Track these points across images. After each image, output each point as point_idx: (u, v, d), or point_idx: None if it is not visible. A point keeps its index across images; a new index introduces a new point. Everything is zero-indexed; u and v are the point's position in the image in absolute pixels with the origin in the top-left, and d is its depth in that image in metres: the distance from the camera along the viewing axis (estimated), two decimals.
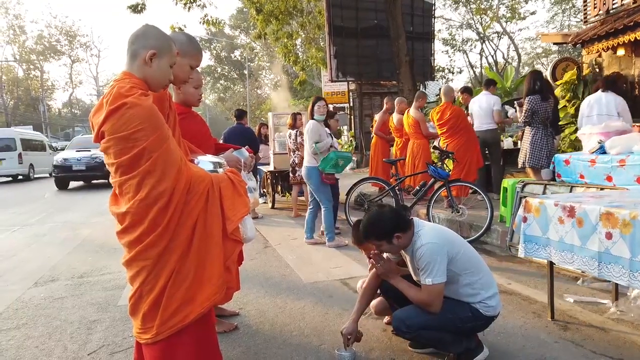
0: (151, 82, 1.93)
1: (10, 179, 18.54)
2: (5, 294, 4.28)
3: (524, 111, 5.48)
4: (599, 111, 5.37)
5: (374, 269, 2.64)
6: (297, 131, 7.24)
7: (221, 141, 4.94)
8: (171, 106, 2.23)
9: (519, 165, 5.91)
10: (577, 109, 7.31)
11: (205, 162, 2.15)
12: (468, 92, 7.86)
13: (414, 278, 2.58)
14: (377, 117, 8.54)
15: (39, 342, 3.17)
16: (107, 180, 12.41)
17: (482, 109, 6.98)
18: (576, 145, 6.83)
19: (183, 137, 2.27)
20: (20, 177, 18.41)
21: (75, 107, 56.58)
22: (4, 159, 17.25)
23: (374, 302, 2.91)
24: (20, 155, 17.56)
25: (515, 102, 6.31)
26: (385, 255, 2.65)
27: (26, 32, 46.74)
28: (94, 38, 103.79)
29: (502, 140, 8.05)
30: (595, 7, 8.30)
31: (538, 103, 5.36)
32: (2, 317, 3.70)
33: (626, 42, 7.02)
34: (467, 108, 7.64)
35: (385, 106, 8.50)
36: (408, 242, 2.47)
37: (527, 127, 5.54)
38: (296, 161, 7.29)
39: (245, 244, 2.29)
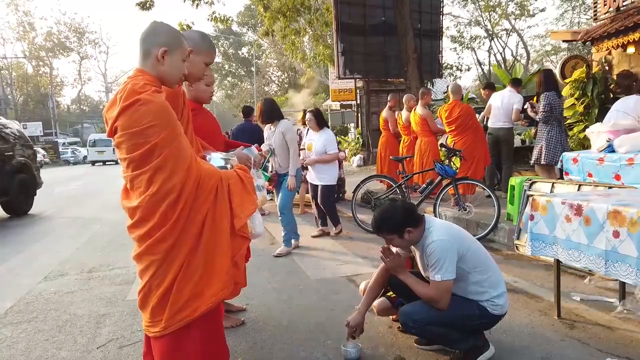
0: (165, 78, 1.95)
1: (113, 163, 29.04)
2: (16, 288, 4.34)
3: (542, 107, 5.45)
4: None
5: (383, 263, 2.66)
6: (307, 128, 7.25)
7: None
8: (185, 102, 2.26)
9: (532, 162, 5.88)
10: (585, 107, 7.28)
11: (217, 158, 2.18)
12: (490, 88, 7.75)
13: (423, 274, 2.59)
14: (384, 115, 8.48)
15: (49, 335, 3.22)
16: None
17: (502, 106, 6.83)
18: (584, 144, 6.79)
19: (194, 134, 2.29)
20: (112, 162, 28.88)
21: (84, 104, 56.93)
22: (105, 151, 30.14)
23: (376, 303, 2.91)
24: (113, 148, 27.20)
25: (528, 102, 6.24)
26: (394, 250, 2.66)
27: (35, 29, 47.17)
28: (103, 35, 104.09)
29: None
30: (605, 5, 8.23)
31: (555, 99, 5.41)
32: (13, 310, 3.76)
33: (636, 39, 6.96)
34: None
35: (389, 104, 8.47)
36: (419, 237, 2.49)
37: (542, 124, 5.51)
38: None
39: (252, 240, 2.31)
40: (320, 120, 5.77)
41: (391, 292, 2.90)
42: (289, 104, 27.22)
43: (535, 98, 6.82)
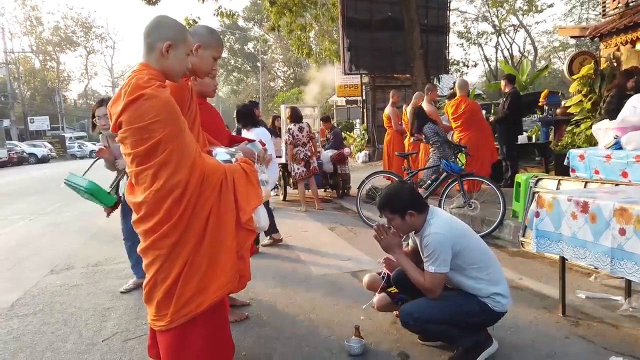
0: (169, 72, 1.95)
1: None
2: (23, 281, 4.38)
3: (432, 138, 6.04)
4: None
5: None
6: (298, 126, 7.28)
7: (234, 133, 4.94)
8: (192, 96, 2.26)
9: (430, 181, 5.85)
10: (593, 104, 7.22)
11: (222, 153, 2.18)
12: (510, 80, 7.60)
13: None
14: (387, 112, 8.46)
15: (55, 328, 3.24)
16: None
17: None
18: (592, 141, 6.73)
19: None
20: None
21: (90, 98, 57.06)
22: None
23: (376, 298, 2.95)
24: None
25: (415, 135, 6.59)
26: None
27: (43, 24, 47.33)
28: (109, 30, 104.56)
29: None
30: (614, 0, 8.14)
31: (434, 126, 6.11)
32: (19, 303, 3.79)
33: None
34: (507, 96, 7.36)
35: (391, 99, 8.45)
36: (420, 224, 2.50)
37: (437, 147, 6.03)
38: (308, 154, 7.31)
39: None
40: (247, 121, 5.03)
41: (392, 288, 2.90)
42: (292, 100, 27.16)
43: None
